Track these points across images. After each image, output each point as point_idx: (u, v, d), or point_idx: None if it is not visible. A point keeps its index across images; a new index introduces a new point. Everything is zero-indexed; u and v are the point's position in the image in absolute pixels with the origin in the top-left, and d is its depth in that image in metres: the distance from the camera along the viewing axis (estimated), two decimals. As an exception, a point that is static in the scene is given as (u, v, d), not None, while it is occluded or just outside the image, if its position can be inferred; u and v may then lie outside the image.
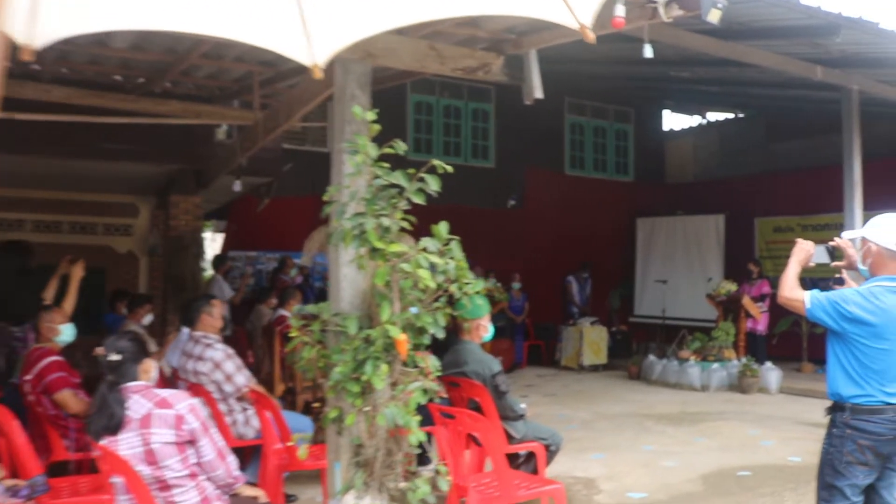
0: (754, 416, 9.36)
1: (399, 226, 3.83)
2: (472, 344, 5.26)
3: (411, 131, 14.35)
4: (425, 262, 3.74)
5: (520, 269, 14.43)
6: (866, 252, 3.68)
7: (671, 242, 15.75)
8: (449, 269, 3.78)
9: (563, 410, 9.74)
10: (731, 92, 13.15)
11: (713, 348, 11.78)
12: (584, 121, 16.38)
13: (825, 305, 3.59)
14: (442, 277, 3.81)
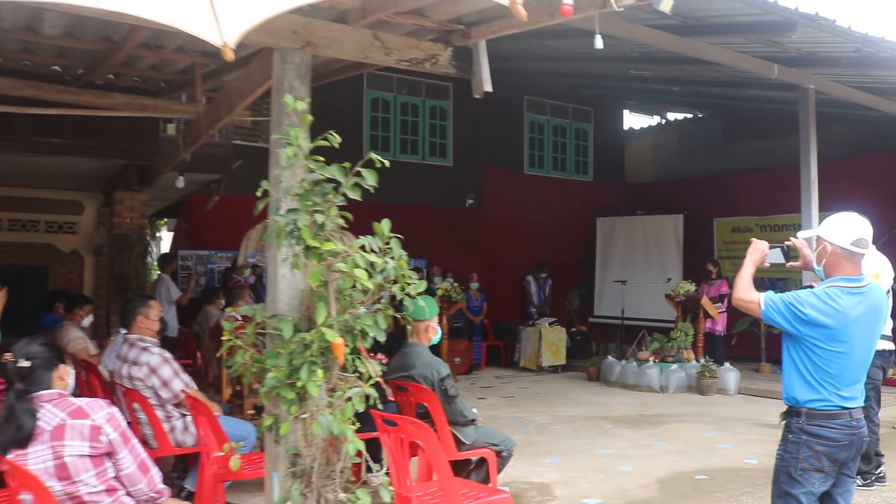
0: (712, 417, 9.28)
1: (335, 223, 3.59)
2: (420, 346, 5.05)
3: (367, 129, 14.11)
4: (363, 261, 3.52)
5: (478, 269, 14.26)
6: (821, 252, 3.54)
7: (631, 242, 15.69)
8: (388, 269, 3.56)
9: (520, 413, 9.57)
10: (689, 92, 13.11)
11: (672, 349, 11.71)
12: (543, 119, 16.25)
13: (780, 308, 3.44)
14: (381, 277, 3.59)
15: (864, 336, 3.44)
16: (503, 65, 14.16)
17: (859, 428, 3.46)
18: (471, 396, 10.88)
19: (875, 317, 3.47)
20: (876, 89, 8.64)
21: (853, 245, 3.42)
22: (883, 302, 3.53)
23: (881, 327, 3.54)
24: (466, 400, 10.42)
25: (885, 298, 3.57)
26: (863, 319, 3.41)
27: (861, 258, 3.48)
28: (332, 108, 13.92)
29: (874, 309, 3.46)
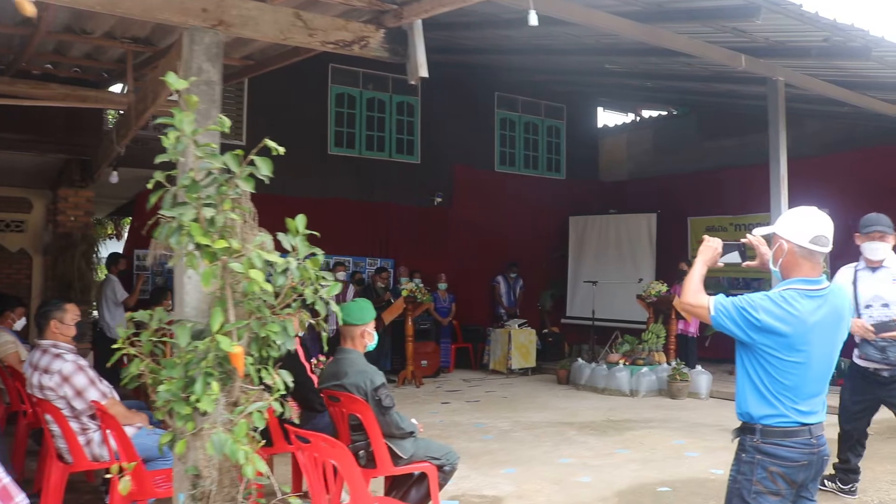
0: (682, 423, 8.94)
1: (229, 217, 3.19)
2: (354, 353, 4.66)
3: (332, 125, 13.69)
4: (259, 260, 3.12)
5: (447, 269, 13.89)
6: (777, 251, 3.18)
7: (603, 242, 15.36)
8: (292, 269, 3.17)
9: (482, 419, 9.19)
10: (662, 87, 12.77)
11: (643, 351, 11.39)
12: (514, 116, 15.89)
13: (731, 313, 3.08)
14: (283, 279, 3.19)
15: (823, 344, 3.08)
16: (472, 59, 13.87)
17: (819, 446, 3.10)
18: (435, 401, 10.52)
19: (836, 322, 3.12)
20: (847, 83, 8.34)
21: (812, 243, 3.07)
22: (845, 306, 3.18)
23: (843, 334, 3.18)
24: (430, 405, 10.12)
25: (847, 302, 3.21)
26: (822, 325, 3.06)
27: (821, 257, 3.13)
28: (294, 103, 13.59)
29: (835, 314, 3.11)
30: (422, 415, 9.38)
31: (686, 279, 3.32)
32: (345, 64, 13.67)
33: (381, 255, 14.01)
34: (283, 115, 13.10)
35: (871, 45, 6.36)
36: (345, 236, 13.57)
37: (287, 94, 13.09)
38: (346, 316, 4.62)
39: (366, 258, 13.83)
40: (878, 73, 7.87)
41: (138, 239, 12.05)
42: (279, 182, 12.63)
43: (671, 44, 6.60)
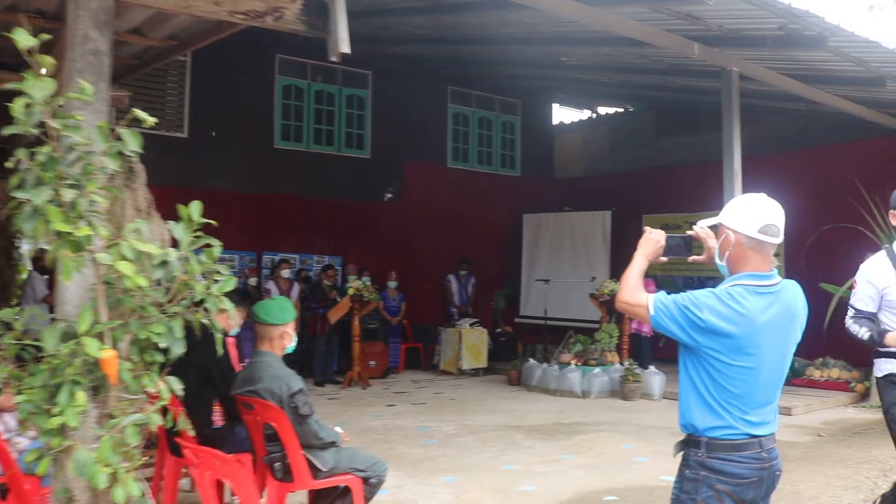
0: (633, 426, 8.65)
1: (95, 200, 2.76)
2: (270, 356, 4.25)
3: (279, 117, 13.21)
4: (130, 251, 2.70)
5: (397, 266, 13.49)
6: (724, 243, 2.84)
7: (558, 239, 15.07)
8: (171, 262, 2.77)
9: (427, 422, 8.82)
10: (617, 82, 12.52)
11: (595, 351, 11.10)
12: (468, 111, 15.54)
13: (672, 312, 2.73)
14: (162, 272, 2.78)
15: (775, 346, 2.74)
16: (424, 51, 13.49)
17: (771, 460, 2.76)
18: (380, 403, 10.13)
19: (789, 322, 2.79)
20: (802, 76, 8.11)
21: (761, 233, 2.74)
22: (799, 304, 2.84)
23: (797, 335, 2.85)
24: (375, 408, 9.72)
25: (801, 299, 2.88)
26: (774, 325, 2.72)
27: (772, 249, 2.79)
28: (239, 95, 13.10)
29: (788, 312, 2.78)
30: (365, 418, 9.00)
31: (624, 275, 2.98)
32: (292, 55, 13.22)
33: (329, 252, 13.57)
34: (228, 107, 12.62)
35: (827, 34, 6.10)
36: (291, 233, 13.12)
37: (232, 85, 12.61)
38: (264, 315, 4.22)
39: (313, 255, 13.38)
40: (834, 67, 7.66)
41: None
42: (224, 176, 12.22)
43: (623, 29, 6.28)
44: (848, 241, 11.14)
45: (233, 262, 12.54)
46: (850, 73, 7.73)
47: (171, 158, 12.16)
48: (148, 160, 11.15)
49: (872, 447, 7.28)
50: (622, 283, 2.95)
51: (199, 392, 4.67)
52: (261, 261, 12.81)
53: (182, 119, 12.33)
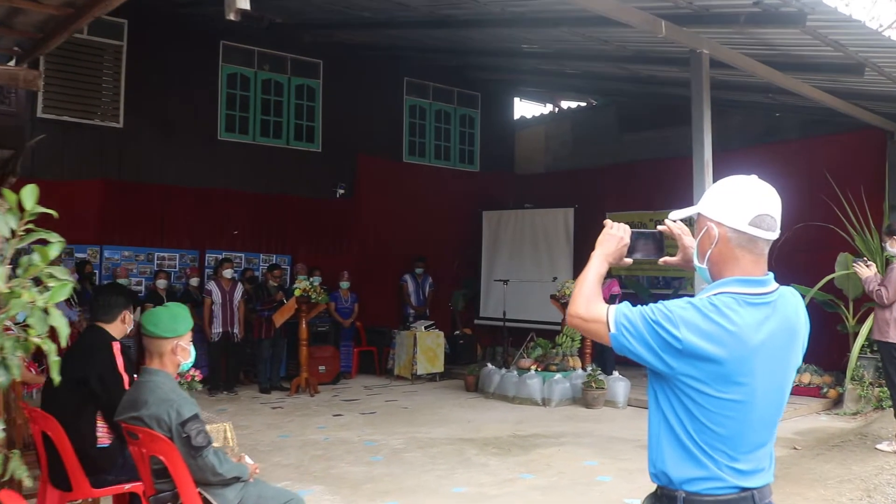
0: (596, 438, 8.05)
1: None
2: (161, 376, 3.55)
3: (223, 108, 12.45)
4: None
5: (350, 266, 12.80)
6: (705, 239, 2.20)
7: (519, 238, 14.46)
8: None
9: (374, 434, 8.14)
10: (580, 72, 11.92)
11: (556, 356, 10.50)
12: (425, 103, 14.87)
13: (640, 330, 2.09)
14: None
15: (772, 372, 2.10)
16: (376, 38, 12.80)
17: None
18: (327, 412, 9.44)
19: (789, 340, 2.15)
20: (775, 63, 7.56)
21: (752, 226, 2.10)
22: (800, 317, 2.21)
23: (798, 357, 2.21)
24: (320, 418, 9.01)
25: (802, 310, 2.24)
26: (770, 345, 2.08)
27: (766, 247, 2.16)
28: (180, 83, 12.29)
29: (787, 328, 2.14)
30: (308, 430, 8.33)
31: (577, 281, 2.34)
32: (238, 42, 12.47)
33: (278, 251, 12.84)
34: (168, 96, 11.85)
35: (807, 11, 5.53)
36: (236, 230, 12.38)
37: (172, 72, 11.84)
38: (152, 326, 3.52)
39: (259, 254, 12.64)
40: (811, 52, 7.13)
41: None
42: (163, 170, 11.45)
43: (585, 1, 5.65)
44: (819, 240, 10.68)
45: (173, 262, 11.78)
46: (827, 58, 7.20)
47: (105, 150, 11.38)
48: (79, 152, 10.31)
49: (852, 462, 6.74)
50: (575, 292, 2.32)
51: (79, 408, 4.03)
52: (203, 260, 12.05)
53: (118, 107, 11.51)
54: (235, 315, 10.91)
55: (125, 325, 4.29)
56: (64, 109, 11.09)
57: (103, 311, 4.26)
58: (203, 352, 11.20)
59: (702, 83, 6.29)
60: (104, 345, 4.14)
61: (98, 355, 4.09)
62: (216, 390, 10.74)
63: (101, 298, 4.36)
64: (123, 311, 4.26)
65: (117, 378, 4.00)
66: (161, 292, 11.03)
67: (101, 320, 4.27)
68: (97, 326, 4.27)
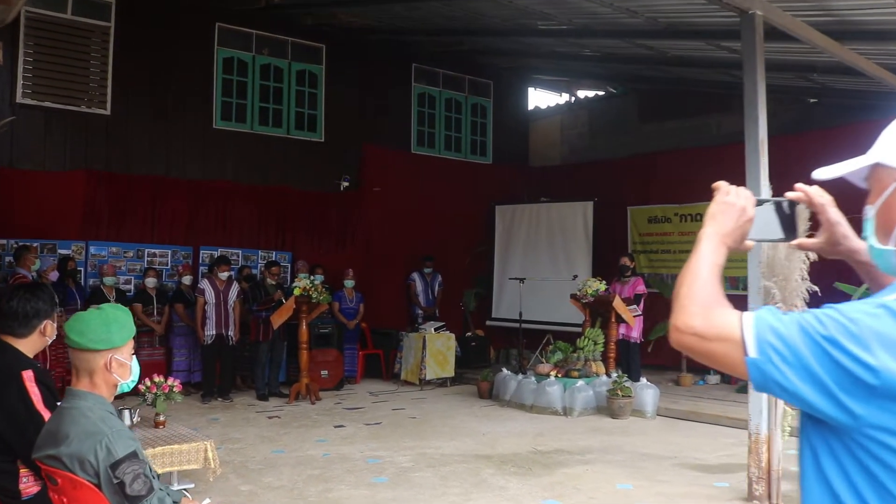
0: (626, 454, 7.19)
1: None
2: (88, 400, 2.67)
3: (219, 94, 11.63)
4: None
5: (355, 264, 12.00)
6: (889, 205, 1.37)
7: (534, 233, 13.59)
8: None
9: (379, 450, 7.31)
10: (601, 53, 11.06)
11: (577, 361, 9.65)
12: (435, 91, 14.02)
13: (801, 353, 1.23)
14: None
15: None
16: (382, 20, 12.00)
17: None
18: (328, 423, 8.63)
19: None
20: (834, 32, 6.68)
21: None
22: None
23: None
24: (320, 430, 8.17)
25: None
26: None
27: None
28: (173, 68, 11.46)
29: None
30: (306, 444, 7.51)
31: (682, 278, 1.47)
32: (234, 24, 11.66)
33: (277, 247, 12.01)
34: (159, 82, 11.09)
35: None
36: (233, 225, 11.60)
37: (164, 56, 11.06)
38: (76, 335, 2.65)
39: (258, 251, 11.81)
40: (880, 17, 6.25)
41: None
42: (154, 160, 10.66)
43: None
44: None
45: (164, 259, 10.98)
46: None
47: (91, 139, 10.60)
48: (63, 140, 9.29)
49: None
50: (681, 294, 1.44)
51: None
52: (197, 257, 11.24)
53: (105, 94, 10.71)
54: (230, 316, 10.11)
55: (45, 337, 3.30)
56: (46, 95, 10.31)
57: (16, 322, 3.24)
58: (196, 355, 10.44)
59: (755, 49, 5.42)
60: (11, 376, 3.12)
61: (3, 391, 3.10)
62: (209, 397, 9.95)
63: (15, 303, 3.23)
64: (45, 320, 3.27)
65: (34, 418, 3.05)
66: (151, 291, 10.27)
67: (11, 333, 3.24)
68: (3, 344, 3.24)
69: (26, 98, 10.15)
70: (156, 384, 5.84)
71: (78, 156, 10.49)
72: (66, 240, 10.25)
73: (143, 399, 5.88)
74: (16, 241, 9.51)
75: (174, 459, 5.29)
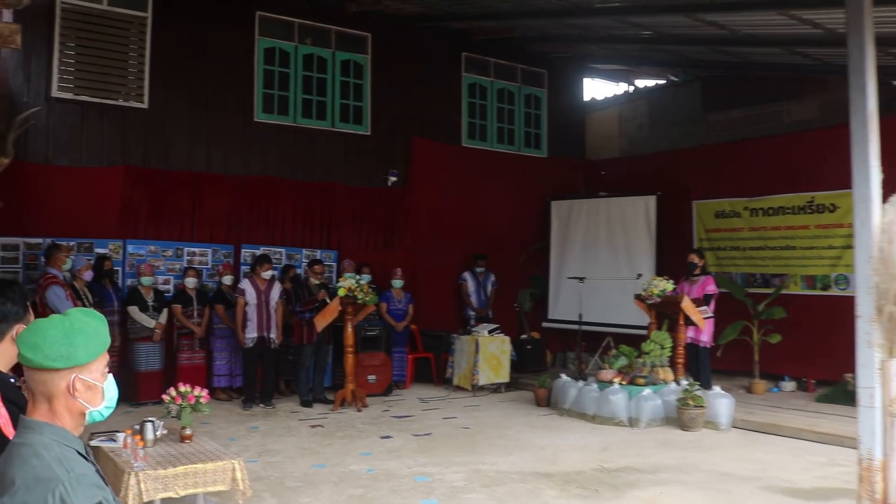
0: (705, 475, 6.42)
1: None
2: (45, 434, 2.00)
3: (259, 86, 11.11)
4: None
5: (403, 263, 11.38)
6: None
7: (592, 230, 12.82)
8: None
9: (428, 465, 6.67)
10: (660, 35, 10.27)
11: (643, 367, 8.89)
12: (486, 81, 13.32)
13: None
14: None
15: None
16: (433, 7, 11.41)
17: None
18: (374, 434, 8.02)
19: None
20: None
21: None
22: None
23: None
24: (365, 441, 7.53)
25: None
26: None
27: None
28: (212, 59, 10.95)
29: None
30: (349, 457, 6.91)
31: None
32: (276, 12, 11.15)
33: (322, 245, 11.45)
34: (198, 74, 10.63)
35: None
36: (275, 223, 11.08)
37: (203, 47, 10.61)
38: (29, 348, 2.01)
39: (302, 249, 11.26)
40: None
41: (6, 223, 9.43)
42: (193, 155, 10.19)
43: None
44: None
45: (205, 258, 10.50)
46: None
47: (128, 133, 10.18)
48: (99, 135, 8.62)
49: None
50: None
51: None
52: (238, 256, 10.73)
53: (142, 87, 10.27)
54: (272, 318, 9.57)
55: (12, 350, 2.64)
56: (82, 88, 9.90)
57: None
58: (238, 359, 9.94)
59: (862, 6, 4.64)
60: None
61: None
62: (251, 403, 9.43)
63: None
64: (14, 325, 2.61)
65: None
66: (191, 292, 9.78)
67: None
68: None
69: (62, 92, 9.76)
70: (181, 394, 5.28)
71: (115, 151, 10.07)
72: (103, 238, 9.83)
73: (168, 411, 5.33)
74: (52, 240, 9.08)
75: (198, 480, 4.72)
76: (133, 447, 4.68)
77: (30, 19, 9.51)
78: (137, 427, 5.13)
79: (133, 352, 9.35)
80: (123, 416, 8.65)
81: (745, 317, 10.59)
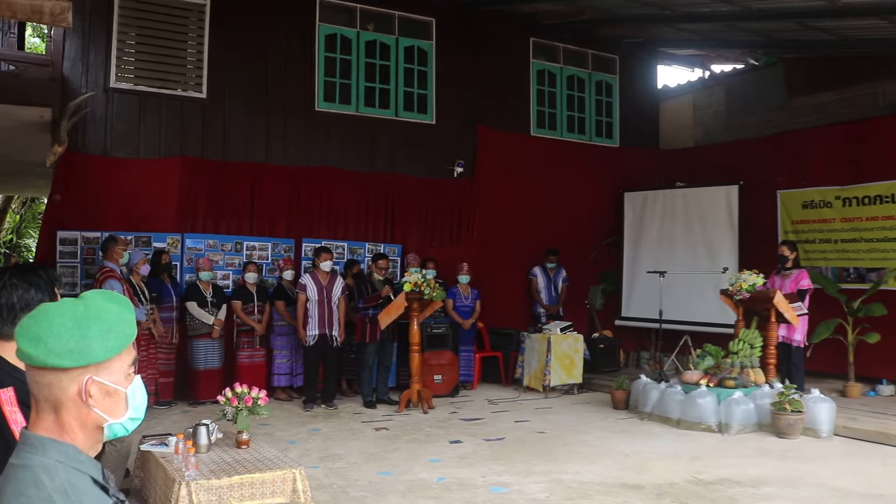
0: (813, 490, 5.74)
1: None
2: (50, 454, 1.52)
3: (321, 74, 10.71)
4: None
5: (470, 257, 10.86)
6: None
7: (669, 222, 12.12)
8: None
9: (504, 475, 6.13)
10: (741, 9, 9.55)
11: (732, 368, 8.21)
12: (555, 68, 12.71)
13: None
14: None
15: None
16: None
17: None
18: (442, 438, 7.51)
19: None
20: None
21: None
22: None
23: None
24: (433, 447, 6.95)
25: None
26: None
27: None
28: (272, 47, 10.60)
29: None
30: (416, 464, 6.42)
31: None
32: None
33: (385, 239, 11.00)
34: (257, 62, 10.29)
35: None
36: (337, 215, 10.66)
37: (262, 35, 10.27)
38: (30, 342, 1.56)
39: (365, 243, 10.83)
40: None
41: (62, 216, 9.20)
42: (252, 146, 9.83)
43: None
44: None
45: (265, 252, 10.14)
46: None
47: (187, 124, 9.88)
48: (157, 126, 8.16)
49: None
50: None
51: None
52: (299, 250, 10.34)
53: (201, 77, 9.96)
54: (335, 314, 9.14)
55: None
56: (140, 78, 9.64)
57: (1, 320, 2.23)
58: (299, 357, 9.55)
59: None
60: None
61: None
62: (312, 403, 9.03)
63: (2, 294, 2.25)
64: None
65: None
66: (251, 287, 9.41)
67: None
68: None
69: (120, 82, 9.51)
70: (237, 395, 4.84)
71: (173, 142, 9.78)
72: (162, 232, 9.54)
73: (223, 413, 4.90)
74: (110, 234, 8.80)
75: (255, 491, 4.27)
76: (185, 454, 4.26)
77: (88, 9, 9.29)
78: (190, 430, 4.72)
79: (192, 349, 9.04)
80: (181, 415, 8.34)
81: (837, 314, 9.82)
